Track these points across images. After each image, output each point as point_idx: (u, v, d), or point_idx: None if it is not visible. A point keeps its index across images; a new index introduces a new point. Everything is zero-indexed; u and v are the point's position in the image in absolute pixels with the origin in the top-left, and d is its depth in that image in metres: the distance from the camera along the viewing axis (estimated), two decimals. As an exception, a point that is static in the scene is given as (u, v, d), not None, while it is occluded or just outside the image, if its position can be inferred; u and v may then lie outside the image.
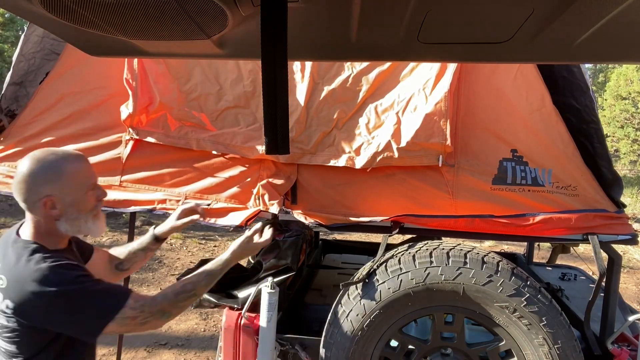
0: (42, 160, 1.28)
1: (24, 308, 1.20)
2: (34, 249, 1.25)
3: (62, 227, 1.31)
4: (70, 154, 1.34)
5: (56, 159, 1.29)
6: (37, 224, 1.30)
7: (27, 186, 1.26)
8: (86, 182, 1.35)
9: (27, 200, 1.27)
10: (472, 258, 1.79)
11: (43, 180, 1.27)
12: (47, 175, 1.28)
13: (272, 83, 0.63)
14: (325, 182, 1.97)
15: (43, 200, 1.27)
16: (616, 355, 1.89)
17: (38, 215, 1.29)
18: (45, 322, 1.23)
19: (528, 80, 1.86)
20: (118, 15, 0.62)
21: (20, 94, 2.14)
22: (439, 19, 0.67)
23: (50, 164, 1.28)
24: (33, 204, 1.27)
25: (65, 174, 1.30)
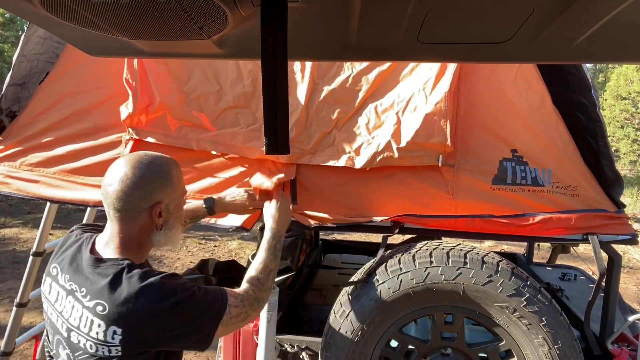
0: (151, 164, 1.20)
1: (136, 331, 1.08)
2: (128, 265, 1.13)
3: (157, 238, 1.23)
4: (170, 157, 1.27)
5: (164, 163, 1.23)
6: (129, 236, 1.19)
7: (140, 192, 1.16)
8: (184, 187, 1.31)
9: (135, 207, 1.17)
10: (472, 258, 1.79)
11: (156, 186, 1.19)
12: (159, 180, 1.20)
13: (272, 83, 0.63)
14: (325, 182, 1.97)
15: (154, 207, 1.19)
16: (616, 355, 1.89)
17: (137, 224, 1.19)
18: (160, 341, 1.12)
19: (528, 80, 1.86)
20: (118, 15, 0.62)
21: (22, 95, 2.13)
22: (439, 19, 0.67)
23: (162, 167, 1.22)
24: (139, 211, 1.18)
25: (174, 179, 1.24)
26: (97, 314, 1.08)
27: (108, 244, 1.19)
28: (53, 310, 1.20)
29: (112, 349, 1.08)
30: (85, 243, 1.22)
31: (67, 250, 1.24)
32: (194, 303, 1.15)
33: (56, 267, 1.23)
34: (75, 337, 1.12)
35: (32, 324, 3.90)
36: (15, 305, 2.42)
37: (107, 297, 1.08)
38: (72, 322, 1.13)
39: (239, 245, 6.85)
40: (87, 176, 2.06)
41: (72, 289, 1.15)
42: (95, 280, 1.12)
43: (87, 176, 2.06)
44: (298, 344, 2.08)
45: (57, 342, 1.19)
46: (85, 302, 1.11)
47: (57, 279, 1.21)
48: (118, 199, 1.15)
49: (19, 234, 6.96)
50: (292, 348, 2.10)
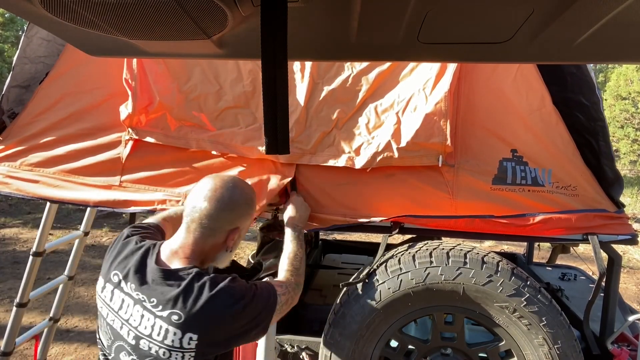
0: (244, 193, 1.30)
1: (211, 335, 1.15)
2: (197, 273, 1.19)
3: (221, 258, 1.30)
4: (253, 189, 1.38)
5: (252, 192, 1.34)
6: (199, 250, 1.25)
7: (228, 215, 1.25)
8: None
9: (219, 228, 1.25)
10: (472, 258, 1.79)
11: (243, 213, 1.29)
12: (246, 208, 1.31)
13: (272, 83, 0.63)
14: (325, 182, 1.97)
15: (234, 231, 1.28)
16: (616, 355, 1.89)
17: (210, 241, 1.25)
18: (230, 341, 1.21)
19: (528, 80, 1.86)
20: (118, 15, 0.62)
21: (26, 97, 2.13)
22: (439, 19, 0.67)
23: (251, 197, 1.33)
24: (220, 232, 1.26)
25: (254, 207, 1.35)
26: (172, 322, 1.13)
27: (177, 253, 1.24)
28: (116, 317, 1.22)
29: (185, 354, 1.13)
30: (150, 253, 1.25)
31: (128, 258, 1.26)
32: (257, 301, 1.24)
33: (117, 275, 1.24)
34: (146, 344, 1.15)
35: (32, 324, 3.90)
36: (15, 305, 2.42)
37: (182, 306, 1.13)
38: (143, 330, 1.16)
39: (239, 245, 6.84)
40: (87, 176, 2.06)
41: (140, 299, 1.18)
42: (166, 291, 1.16)
43: (87, 176, 2.06)
44: (298, 344, 2.08)
45: (119, 349, 1.22)
46: (157, 312, 1.15)
47: (122, 287, 1.22)
48: (208, 217, 1.22)
49: (19, 234, 6.96)
50: (292, 348, 2.10)
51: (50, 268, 5.41)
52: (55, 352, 3.72)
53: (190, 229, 1.24)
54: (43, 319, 2.96)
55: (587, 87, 1.82)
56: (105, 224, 7.46)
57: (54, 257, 5.70)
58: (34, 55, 2.12)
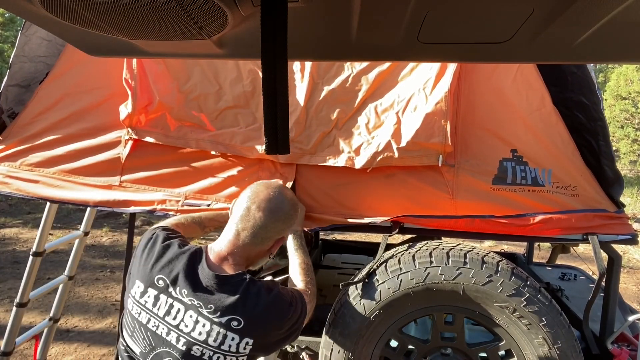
0: (294, 204, 1.37)
1: (265, 339, 1.20)
2: (251, 280, 1.23)
3: (262, 262, 1.36)
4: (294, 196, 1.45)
5: (297, 203, 1.43)
6: (247, 255, 1.29)
7: (280, 227, 1.30)
8: None
9: (270, 237, 1.29)
10: (472, 258, 1.79)
11: (290, 224, 1.35)
12: (292, 220, 1.37)
13: (272, 83, 0.63)
14: (325, 182, 1.97)
15: (280, 240, 1.33)
16: (616, 355, 1.89)
17: (259, 248, 1.29)
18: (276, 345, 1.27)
19: (528, 80, 1.86)
20: (118, 15, 0.62)
21: (26, 97, 2.13)
22: (439, 19, 0.67)
23: (297, 208, 1.41)
24: (270, 241, 1.30)
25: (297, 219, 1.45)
26: (231, 328, 1.15)
27: (226, 258, 1.25)
28: (160, 322, 1.19)
29: (239, 358, 1.17)
30: (199, 257, 1.25)
31: (174, 262, 1.23)
32: (299, 307, 1.31)
33: (163, 279, 1.21)
34: (199, 350, 1.15)
35: (32, 324, 3.90)
36: (15, 305, 2.42)
37: (241, 312, 1.16)
38: (196, 336, 1.16)
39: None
40: (87, 176, 2.06)
41: (194, 305, 1.17)
42: (223, 297, 1.17)
43: (87, 176, 2.06)
44: (298, 344, 2.08)
45: (161, 355, 1.18)
46: (215, 318, 1.15)
47: (170, 292, 1.20)
48: (262, 227, 1.26)
49: (19, 234, 6.96)
50: (292, 348, 2.10)
51: (50, 268, 5.41)
52: (55, 352, 3.72)
53: (241, 237, 1.26)
54: (43, 319, 2.96)
55: (587, 87, 1.81)
56: (105, 224, 7.47)
57: (54, 257, 5.70)
58: (33, 55, 2.11)
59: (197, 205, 1.98)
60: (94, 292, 4.92)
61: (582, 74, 1.81)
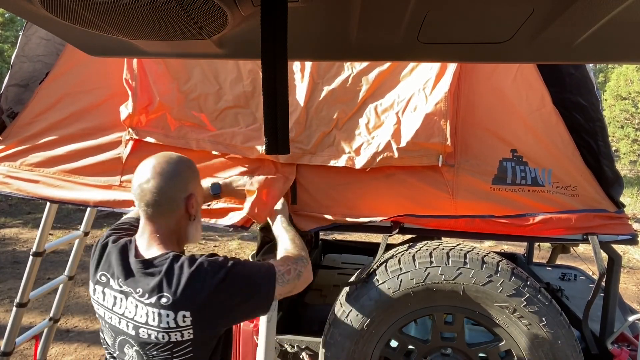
0: (180, 159, 1.31)
1: (203, 310, 1.17)
2: (174, 255, 1.22)
3: (191, 230, 1.32)
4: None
5: (189, 159, 1.35)
6: (168, 232, 1.27)
7: (176, 183, 1.26)
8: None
9: (174, 198, 1.25)
10: (472, 258, 1.79)
11: (189, 176, 1.30)
12: (191, 172, 1.31)
13: (272, 83, 0.63)
14: (325, 182, 1.97)
15: (190, 197, 1.29)
16: (616, 355, 1.89)
17: (175, 217, 1.27)
18: (226, 315, 1.22)
19: (528, 80, 1.86)
20: (118, 15, 0.62)
21: (25, 97, 2.13)
22: (439, 19, 0.67)
23: (189, 161, 1.33)
24: (177, 203, 1.26)
25: (198, 174, 1.36)
26: (162, 306, 1.16)
27: (151, 243, 1.26)
28: (112, 314, 1.25)
29: (184, 333, 1.16)
30: (129, 247, 1.28)
31: (110, 257, 1.29)
32: (244, 268, 1.25)
33: (105, 275, 1.28)
34: (145, 332, 1.19)
35: (32, 324, 3.90)
36: (15, 305, 2.42)
37: (167, 289, 1.16)
38: (139, 319, 1.19)
39: (239, 245, 6.84)
40: (87, 176, 2.06)
41: (128, 292, 1.21)
42: (148, 279, 1.19)
43: (87, 176, 2.06)
44: (298, 344, 2.08)
45: (122, 343, 1.25)
46: (145, 300, 1.18)
47: (110, 285, 1.26)
48: (158, 192, 1.23)
49: (19, 234, 6.96)
50: (292, 348, 2.10)
51: (50, 268, 5.41)
52: (55, 352, 3.72)
53: (149, 213, 1.25)
54: (43, 319, 2.96)
55: (586, 87, 1.81)
56: (105, 224, 7.46)
57: (54, 257, 5.70)
58: (32, 54, 2.11)
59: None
60: (94, 292, 4.91)
61: (581, 74, 1.81)
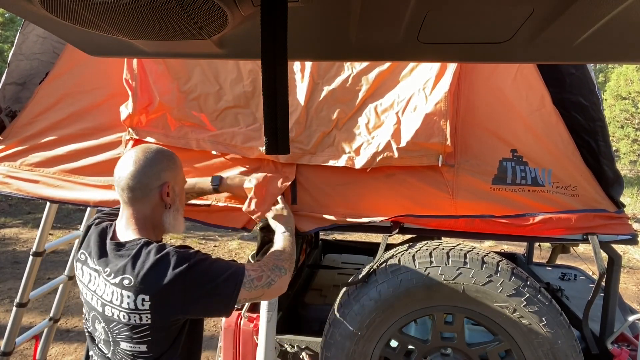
0: (159, 150, 1.37)
1: (162, 296, 1.20)
2: (146, 242, 1.27)
3: (167, 219, 1.35)
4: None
5: (169, 150, 1.41)
6: (143, 217, 1.32)
7: (150, 171, 1.30)
8: (184, 177, 1.46)
9: (147, 185, 1.30)
10: (472, 258, 1.79)
11: (165, 167, 1.34)
12: (167, 163, 1.36)
13: (272, 83, 0.63)
14: (325, 182, 1.97)
15: (163, 185, 1.32)
16: (616, 355, 1.89)
17: (149, 203, 1.32)
18: (185, 305, 1.23)
19: (528, 80, 1.86)
20: (118, 15, 0.62)
21: (23, 95, 2.13)
22: (439, 19, 0.67)
23: (168, 153, 1.39)
24: (151, 190, 1.31)
25: (179, 164, 1.41)
26: (124, 287, 1.20)
27: (127, 227, 1.32)
28: (87, 290, 1.34)
29: (142, 316, 1.20)
30: (108, 230, 1.36)
31: (90, 238, 1.37)
32: (210, 265, 1.28)
33: (84, 253, 1.37)
34: (110, 310, 1.25)
35: (32, 324, 3.90)
36: (15, 305, 2.42)
37: (131, 271, 1.21)
38: (105, 297, 1.26)
39: (239, 245, 6.85)
40: (87, 176, 2.06)
41: (99, 270, 1.28)
42: (118, 260, 1.25)
43: (87, 176, 2.06)
44: (298, 344, 2.08)
45: (94, 318, 1.35)
46: (111, 280, 1.24)
47: (87, 263, 1.34)
48: (132, 178, 1.28)
49: (19, 234, 6.96)
50: (292, 348, 2.10)
51: (50, 268, 5.41)
52: (55, 352, 3.72)
53: (125, 200, 1.31)
54: (43, 319, 2.96)
55: (587, 87, 1.81)
56: (105, 224, 7.45)
57: (54, 257, 5.70)
58: (29, 52, 2.11)
59: (198, 205, 1.98)
60: (94, 292, 4.91)
61: (581, 74, 1.81)
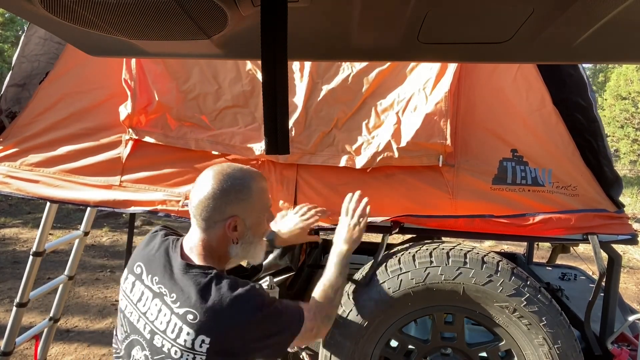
0: (232, 177, 1.20)
1: (224, 341, 1.10)
2: (217, 275, 1.15)
3: (234, 251, 1.24)
4: (256, 172, 1.27)
5: (245, 176, 1.22)
6: (208, 245, 1.21)
7: (215, 203, 1.17)
8: (268, 203, 1.30)
9: (210, 218, 1.18)
10: (472, 258, 1.79)
11: (233, 199, 1.19)
12: (237, 194, 1.19)
13: (272, 83, 0.63)
14: (325, 183, 1.97)
15: (228, 221, 1.19)
16: (616, 355, 1.89)
17: (213, 235, 1.20)
18: (243, 352, 1.14)
19: (528, 80, 1.86)
20: (118, 15, 0.62)
21: (23, 96, 2.13)
22: (439, 19, 0.67)
23: (241, 182, 1.20)
24: (215, 223, 1.19)
25: (254, 194, 1.23)
26: (187, 321, 1.09)
27: (192, 250, 1.21)
28: (134, 309, 1.19)
29: (197, 357, 1.09)
30: (173, 246, 1.23)
31: (152, 250, 1.24)
32: (277, 317, 1.20)
33: (141, 266, 1.22)
34: (160, 340, 1.12)
35: (32, 324, 3.90)
36: (15, 305, 2.42)
37: (198, 306, 1.09)
38: (158, 325, 1.13)
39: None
40: (88, 176, 2.06)
41: (160, 292, 1.15)
42: (186, 287, 1.13)
43: (87, 176, 2.06)
44: (298, 344, 2.08)
45: (133, 343, 1.18)
46: (175, 308, 1.12)
47: (142, 279, 1.20)
48: (198, 208, 1.18)
49: (19, 234, 6.96)
50: (292, 348, 2.09)
51: (50, 268, 5.41)
52: (55, 352, 3.72)
53: (195, 224, 1.21)
54: (43, 319, 2.96)
55: (585, 88, 1.82)
56: (105, 224, 7.46)
57: (54, 257, 5.70)
58: (31, 54, 2.11)
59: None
60: (94, 292, 4.92)
61: (578, 75, 1.82)
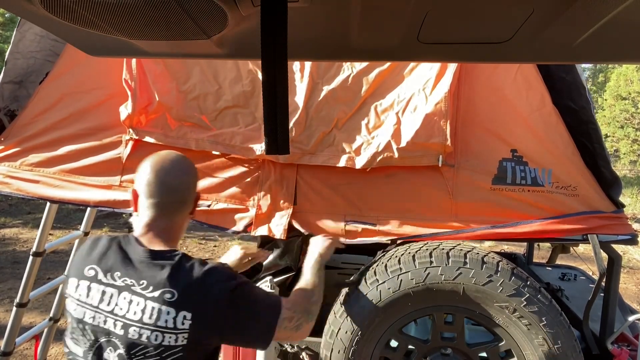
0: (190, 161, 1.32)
1: (205, 313, 1.12)
2: (184, 255, 1.20)
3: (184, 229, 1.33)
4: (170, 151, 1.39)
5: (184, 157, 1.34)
6: (174, 228, 1.26)
7: (193, 182, 1.29)
8: None
9: (189, 197, 1.28)
10: (472, 258, 1.79)
11: (196, 178, 1.33)
12: (197, 173, 1.34)
13: (272, 83, 0.63)
14: (325, 183, 1.97)
15: (197, 197, 1.31)
16: (616, 355, 1.89)
17: (183, 214, 1.28)
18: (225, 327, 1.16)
19: (528, 80, 1.86)
20: (118, 15, 0.62)
21: (20, 94, 2.13)
22: (439, 19, 0.67)
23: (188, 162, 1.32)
24: (190, 200, 1.29)
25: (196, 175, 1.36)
26: (165, 301, 1.10)
27: (156, 238, 1.22)
28: (96, 312, 1.16)
29: (179, 336, 1.10)
30: (124, 242, 1.23)
31: (103, 251, 1.23)
32: (253, 290, 1.24)
33: (94, 268, 1.20)
34: (136, 331, 1.11)
35: (32, 324, 3.90)
36: (15, 305, 2.42)
37: (175, 284, 1.12)
38: (131, 316, 1.12)
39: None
40: (88, 176, 2.06)
41: (127, 284, 1.15)
42: (156, 271, 1.14)
43: (87, 176, 2.06)
44: (298, 344, 2.08)
45: (102, 347, 1.15)
46: (147, 293, 1.12)
47: (99, 279, 1.18)
48: (178, 190, 1.24)
49: (19, 234, 6.96)
50: (292, 348, 2.10)
51: (50, 268, 5.41)
52: (55, 352, 3.72)
53: (163, 211, 1.21)
54: (43, 319, 2.96)
55: (577, 91, 1.82)
56: (105, 224, 7.47)
57: (54, 257, 5.70)
58: (26, 50, 2.11)
59: (198, 206, 1.98)
60: (94, 292, 4.91)
61: (572, 78, 1.82)
